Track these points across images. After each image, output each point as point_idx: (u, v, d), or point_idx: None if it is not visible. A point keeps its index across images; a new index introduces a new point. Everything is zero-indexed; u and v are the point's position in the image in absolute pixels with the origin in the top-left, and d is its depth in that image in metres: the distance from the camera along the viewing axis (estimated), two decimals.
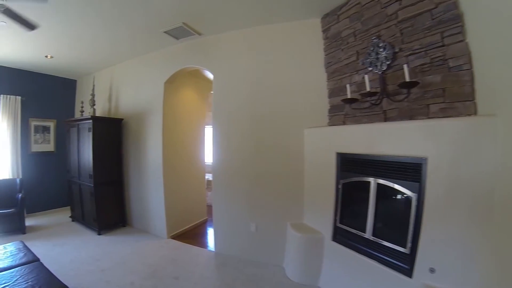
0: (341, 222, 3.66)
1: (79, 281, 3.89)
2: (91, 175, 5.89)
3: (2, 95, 6.81)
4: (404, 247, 2.78)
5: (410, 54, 2.98)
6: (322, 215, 3.92)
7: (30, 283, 2.93)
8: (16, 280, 3.01)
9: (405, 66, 2.79)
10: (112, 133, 6.34)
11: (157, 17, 4.43)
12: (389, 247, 2.97)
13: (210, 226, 6.38)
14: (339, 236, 3.66)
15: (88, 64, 6.91)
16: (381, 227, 3.18)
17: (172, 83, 5.82)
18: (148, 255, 4.84)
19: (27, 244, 4.20)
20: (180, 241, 5.48)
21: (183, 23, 4.61)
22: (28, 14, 3.93)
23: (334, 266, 3.65)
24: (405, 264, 2.78)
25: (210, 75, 6.21)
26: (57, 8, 4.09)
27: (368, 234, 3.23)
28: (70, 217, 6.91)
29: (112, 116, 6.82)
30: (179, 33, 4.97)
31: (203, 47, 5.22)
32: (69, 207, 7.07)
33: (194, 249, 5.16)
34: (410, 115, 2.96)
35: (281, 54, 4.51)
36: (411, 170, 2.76)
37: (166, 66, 5.69)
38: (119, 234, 5.93)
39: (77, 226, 6.47)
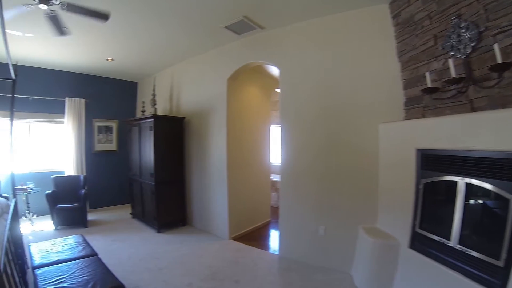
0: (420, 227, 3.27)
1: (136, 278, 3.88)
2: (152, 174, 6.00)
3: (67, 98, 7.37)
4: (497, 259, 2.37)
5: (498, 33, 2.55)
6: (398, 219, 3.55)
7: (85, 277, 2.96)
8: (72, 273, 3.07)
9: (495, 46, 2.39)
10: (173, 132, 6.40)
11: (217, 12, 4.36)
12: (478, 258, 2.56)
13: (274, 228, 6.26)
14: (418, 243, 3.27)
15: (148, 65, 7.12)
16: (469, 235, 2.77)
17: (236, 80, 5.74)
18: (208, 256, 4.78)
19: (88, 237, 4.37)
20: (242, 242, 5.37)
21: (244, 16, 4.49)
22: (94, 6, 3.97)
23: (409, 277, 3.28)
24: (496, 279, 2.36)
25: (274, 72, 6.09)
26: (114, 8, 4.15)
27: (453, 242, 2.82)
28: (130, 214, 7.16)
29: (173, 115, 6.90)
30: (240, 28, 4.86)
31: (266, 41, 5.07)
32: (129, 205, 7.32)
33: (257, 251, 5.01)
34: (503, 104, 2.53)
35: (349, 44, 4.22)
36: (507, 168, 2.34)
37: (228, 62, 5.63)
38: (178, 233, 5.96)
39: (137, 223, 6.65)
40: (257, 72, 6.34)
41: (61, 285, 2.81)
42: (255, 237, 5.70)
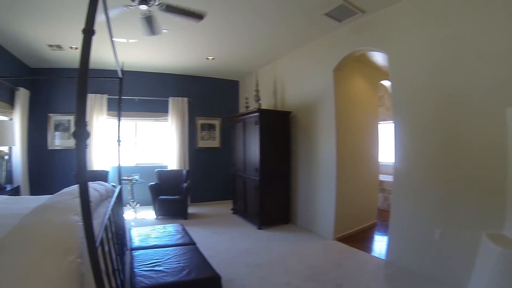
0: None
1: (232, 271, 3.78)
2: (257, 169, 5.91)
3: (170, 97, 7.86)
4: None
5: None
6: None
7: (181, 263, 2.94)
8: (168, 258, 3.08)
9: None
10: (279, 127, 6.24)
11: None
12: None
13: (379, 231, 5.75)
14: None
15: (249, 62, 7.13)
16: None
17: (341, 71, 5.37)
18: (310, 256, 4.50)
19: (187, 228, 4.38)
20: (346, 244, 4.96)
21: (344, 0, 4.12)
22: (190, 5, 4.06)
23: None
24: None
25: (379, 61, 5.63)
26: (212, 6, 4.17)
27: None
28: (231, 209, 7.20)
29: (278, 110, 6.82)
30: (340, 13, 4.49)
31: (370, 25, 4.62)
32: (230, 201, 7.37)
33: (361, 254, 4.58)
34: None
35: (469, 19, 3.49)
36: None
37: (333, 52, 5.28)
38: (280, 230, 5.78)
39: (237, 218, 6.65)
40: (361, 62, 5.87)
41: (156, 268, 2.82)
42: (360, 239, 5.25)
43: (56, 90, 7.27)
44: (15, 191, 5.54)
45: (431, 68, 3.81)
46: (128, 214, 6.37)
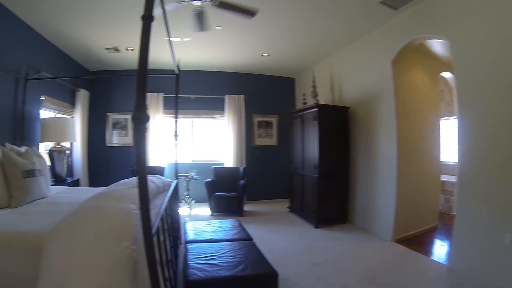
0: None
1: (287, 270, 3.68)
2: (316, 166, 5.78)
3: (226, 95, 7.96)
4: None
5: None
6: None
7: (237, 258, 2.89)
8: (224, 252, 3.04)
9: None
10: (338, 123, 6.06)
11: None
12: None
13: (441, 234, 5.37)
14: None
15: (304, 58, 7.00)
16: None
17: (399, 63, 5.06)
18: (367, 257, 4.29)
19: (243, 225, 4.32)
20: (406, 246, 4.66)
21: None
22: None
23: None
24: None
25: (438, 51, 5.29)
26: (266, 2, 4.15)
27: None
28: (287, 208, 7.10)
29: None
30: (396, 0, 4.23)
31: (428, 10, 4.26)
32: (287, 200, 7.25)
33: (422, 258, 4.27)
34: None
35: None
36: None
37: (389, 44, 5.00)
38: (337, 230, 5.59)
39: (293, 217, 6.55)
40: (419, 53, 5.46)
41: (211, 261, 2.79)
42: (420, 242, 4.90)
43: (114, 90, 7.72)
44: (75, 184, 5.95)
45: (501, 55, 3.40)
46: (183, 210, 6.48)
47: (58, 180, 5.41)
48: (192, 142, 8.24)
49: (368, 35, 5.52)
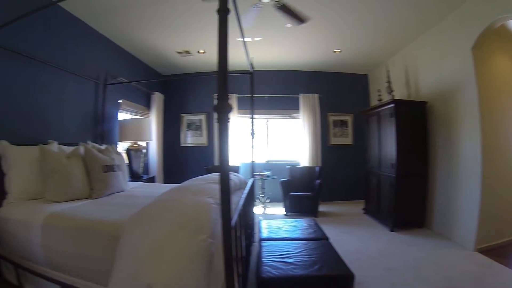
0: None
1: (360, 273, 3.57)
2: (393, 165, 5.54)
3: (301, 94, 7.95)
4: None
5: None
6: None
7: (313, 258, 2.87)
8: (299, 251, 3.03)
9: None
10: (415, 119, 5.70)
11: None
12: None
13: None
14: None
15: (376, 52, 6.74)
16: None
17: (480, 49, 4.59)
18: (446, 266, 4.02)
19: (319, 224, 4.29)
20: (490, 257, 4.26)
21: None
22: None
23: None
24: None
25: None
26: None
27: None
28: (362, 209, 6.92)
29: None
30: None
31: None
32: (362, 201, 7.05)
33: (509, 272, 3.84)
34: None
35: None
36: None
37: (466, 28, 4.60)
38: (414, 234, 5.30)
39: (368, 219, 6.37)
40: (502, 36, 4.89)
41: (286, 260, 2.81)
42: (507, 254, 4.45)
43: (187, 92, 8.16)
44: (150, 180, 6.39)
45: None
46: (257, 209, 6.59)
47: (134, 176, 5.90)
48: (268, 141, 8.33)
49: (442, 22, 5.14)
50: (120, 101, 6.20)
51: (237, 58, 5.69)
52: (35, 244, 2.74)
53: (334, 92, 8.18)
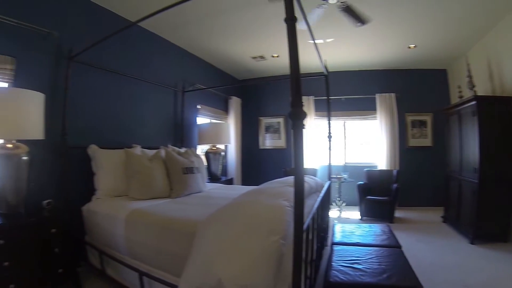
0: None
1: (431, 287, 3.30)
2: (476, 169, 5.01)
3: (377, 94, 7.70)
4: None
5: None
6: None
7: (383, 265, 2.79)
8: (369, 258, 2.98)
9: None
10: (500, 117, 5.05)
11: None
12: None
13: None
14: None
15: (454, 43, 6.14)
16: None
17: None
18: None
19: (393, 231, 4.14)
20: None
21: None
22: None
23: None
24: None
25: None
26: None
27: None
28: (441, 217, 6.48)
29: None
30: None
31: None
32: (441, 208, 6.57)
33: None
34: None
35: None
36: None
37: None
38: (497, 248, 4.78)
39: (447, 228, 5.98)
40: None
41: (355, 265, 2.78)
42: None
43: (264, 96, 8.32)
44: (229, 182, 6.60)
45: None
46: (333, 213, 6.53)
47: (213, 178, 6.25)
48: (345, 144, 8.20)
49: None
50: (198, 107, 6.59)
51: (311, 60, 5.71)
52: (118, 235, 3.11)
53: (411, 91, 7.78)
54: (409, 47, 6.34)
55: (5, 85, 3.29)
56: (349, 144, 8.22)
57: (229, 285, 1.77)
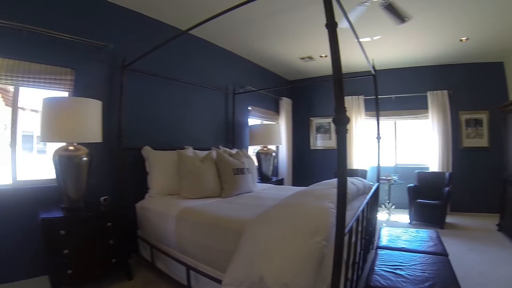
0: None
1: None
2: None
3: (428, 92, 7.25)
4: None
5: None
6: None
7: (426, 274, 2.68)
8: (413, 264, 2.88)
9: None
10: None
11: None
12: None
13: None
14: None
15: (510, 33, 5.55)
16: None
17: None
18: None
19: (441, 238, 3.93)
20: None
21: None
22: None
23: None
24: None
25: None
26: None
27: None
28: (496, 225, 5.99)
29: None
30: None
31: None
32: (497, 215, 6.07)
33: None
34: None
35: None
36: None
37: None
38: None
39: (502, 237, 5.51)
40: None
41: (398, 271, 2.70)
42: None
43: (314, 96, 8.32)
44: (279, 182, 6.69)
45: None
46: (381, 215, 6.35)
47: (264, 178, 6.32)
48: (396, 144, 7.91)
49: None
50: (250, 108, 6.71)
51: (359, 59, 5.62)
52: (169, 231, 3.30)
53: (465, 87, 7.20)
54: (461, 40, 5.85)
55: (66, 94, 3.74)
56: (400, 144, 7.91)
57: (269, 282, 1.86)
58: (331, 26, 1.73)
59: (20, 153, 3.71)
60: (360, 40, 3.67)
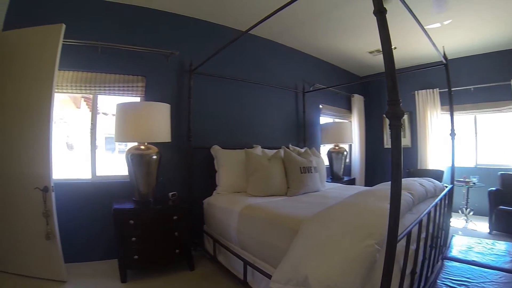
0: None
1: None
2: None
3: None
4: None
5: None
6: None
7: None
8: (481, 281, 2.50)
9: None
10: None
11: None
12: None
13: None
14: None
15: None
16: None
17: None
18: None
19: None
20: None
21: None
22: None
23: None
24: None
25: None
26: None
27: None
28: None
29: None
30: None
31: None
32: None
33: None
34: None
35: None
36: None
37: None
38: None
39: None
40: None
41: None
42: None
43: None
44: (351, 182, 6.38)
45: None
46: (457, 222, 5.67)
47: (335, 178, 6.11)
48: (476, 142, 6.75)
49: None
50: (320, 106, 6.55)
51: (430, 49, 5.04)
52: (231, 227, 3.35)
53: None
54: None
55: (138, 99, 4.18)
56: (481, 142, 6.76)
57: (313, 282, 1.78)
58: (380, 12, 1.62)
59: (102, 152, 4.16)
60: (428, 27, 3.36)
